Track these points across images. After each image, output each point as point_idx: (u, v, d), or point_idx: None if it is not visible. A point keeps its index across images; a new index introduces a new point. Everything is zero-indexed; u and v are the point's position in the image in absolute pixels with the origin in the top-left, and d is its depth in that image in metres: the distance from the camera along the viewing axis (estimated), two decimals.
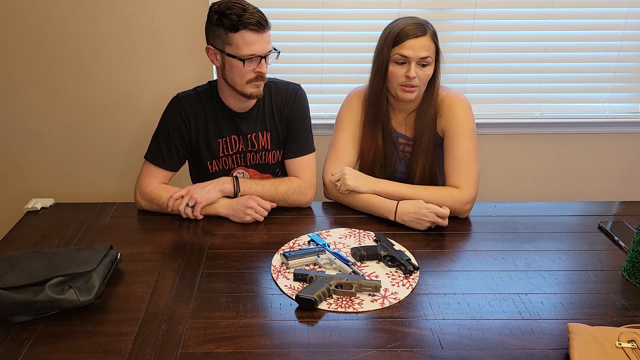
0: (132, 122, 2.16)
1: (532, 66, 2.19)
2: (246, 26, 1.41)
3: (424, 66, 1.54)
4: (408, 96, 1.57)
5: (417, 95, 1.59)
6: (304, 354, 1.05)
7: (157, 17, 2.00)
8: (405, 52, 1.52)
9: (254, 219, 1.52)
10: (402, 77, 1.54)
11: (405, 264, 1.30)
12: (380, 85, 1.60)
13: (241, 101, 1.57)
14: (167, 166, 1.60)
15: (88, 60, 2.05)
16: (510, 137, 2.29)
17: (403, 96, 1.57)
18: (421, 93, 1.60)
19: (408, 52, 1.52)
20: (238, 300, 1.20)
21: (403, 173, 1.72)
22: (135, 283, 1.26)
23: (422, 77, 1.54)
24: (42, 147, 2.19)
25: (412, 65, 1.52)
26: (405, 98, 1.58)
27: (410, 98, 1.57)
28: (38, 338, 1.09)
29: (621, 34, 2.15)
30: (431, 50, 1.53)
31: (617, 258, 1.38)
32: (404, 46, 1.52)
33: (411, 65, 1.52)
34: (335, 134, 1.69)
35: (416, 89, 1.56)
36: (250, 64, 1.46)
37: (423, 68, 1.54)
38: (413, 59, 1.52)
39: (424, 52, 1.51)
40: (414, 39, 1.51)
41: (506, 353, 1.06)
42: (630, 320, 1.15)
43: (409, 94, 1.56)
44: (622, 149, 2.33)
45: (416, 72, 1.53)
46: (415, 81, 1.54)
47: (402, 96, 1.57)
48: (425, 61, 1.53)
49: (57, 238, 1.45)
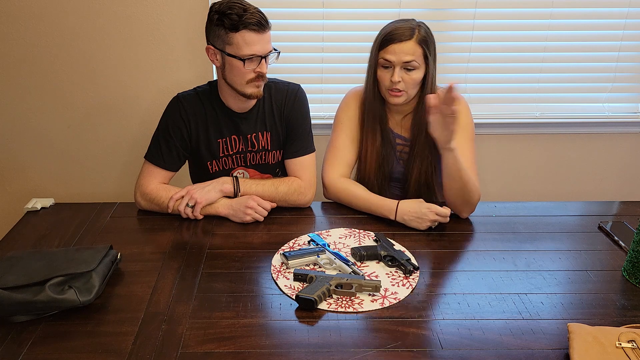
0: (132, 122, 2.16)
1: (532, 66, 2.19)
2: (247, 26, 1.41)
3: (410, 70, 1.53)
4: (395, 100, 1.57)
5: (406, 100, 1.58)
6: (304, 354, 1.05)
7: (157, 17, 2.00)
8: (388, 57, 1.52)
9: (254, 219, 1.52)
10: (387, 81, 1.55)
11: (405, 264, 1.30)
12: (374, 88, 1.61)
13: (241, 101, 1.57)
14: (167, 166, 1.60)
15: (88, 60, 2.05)
16: (510, 137, 2.29)
17: (390, 100, 1.58)
18: (410, 97, 1.58)
19: (391, 56, 1.52)
20: (238, 300, 1.20)
21: (400, 174, 1.72)
22: (135, 283, 1.26)
23: (408, 81, 1.54)
24: (42, 147, 2.19)
25: (396, 70, 1.52)
26: (393, 102, 1.58)
27: (397, 102, 1.57)
28: (38, 338, 1.09)
29: (621, 34, 2.15)
30: (416, 54, 1.51)
31: (617, 258, 1.38)
32: (387, 50, 1.52)
33: (395, 69, 1.52)
34: (334, 134, 1.69)
35: (402, 93, 1.55)
36: (251, 64, 1.46)
37: (409, 72, 1.53)
38: (397, 63, 1.52)
39: (407, 56, 1.50)
40: (397, 44, 1.50)
41: (506, 353, 1.06)
42: (630, 320, 1.15)
43: (396, 98, 1.56)
44: (622, 149, 2.33)
45: (401, 76, 1.53)
46: (400, 85, 1.53)
47: (390, 100, 1.58)
48: (410, 65, 1.52)
49: (57, 238, 1.45)
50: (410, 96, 1.58)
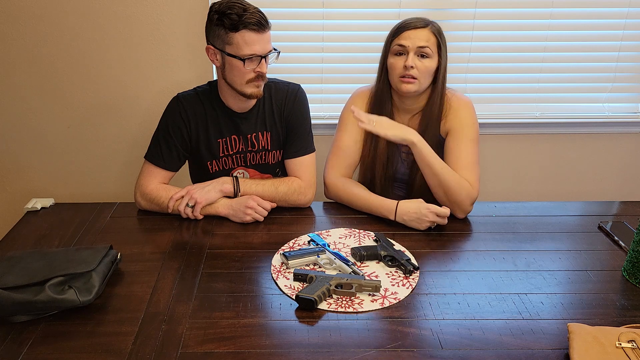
0: (132, 122, 2.16)
1: (532, 66, 2.19)
2: (247, 26, 1.41)
3: (424, 57, 1.53)
4: (408, 87, 1.54)
5: (417, 89, 1.55)
6: (304, 354, 1.05)
7: (158, 17, 2.00)
8: (402, 42, 1.53)
9: (254, 219, 1.52)
10: (400, 69, 1.54)
11: (405, 264, 1.30)
12: (385, 85, 1.60)
13: (241, 101, 1.57)
14: (167, 166, 1.60)
15: (88, 60, 2.05)
16: (510, 137, 2.29)
17: (403, 88, 1.55)
18: (422, 87, 1.56)
19: (405, 41, 1.52)
20: (238, 300, 1.20)
21: (404, 174, 1.72)
22: (135, 283, 1.26)
23: (422, 68, 1.53)
24: (42, 147, 2.19)
25: (411, 55, 1.52)
26: (405, 89, 1.54)
27: (409, 89, 1.54)
28: (38, 338, 1.08)
29: (621, 34, 2.15)
30: (430, 41, 1.52)
31: (617, 258, 1.38)
32: (402, 36, 1.53)
33: (409, 55, 1.52)
34: (338, 134, 1.69)
35: (416, 81, 1.54)
36: (251, 63, 1.46)
37: (422, 59, 1.53)
38: (411, 48, 1.52)
39: (422, 42, 1.51)
40: (413, 30, 1.52)
41: (506, 353, 1.06)
42: (630, 320, 1.15)
43: (409, 84, 1.54)
44: (622, 149, 2.33)
45: (415, 63, 1.52)
46: (414, 72, 1.52)
47: (402, 88, 1.55)
48: (424, 51, 1.52)
49: (57, 238, 1.45)
50: (423, 86, 1.56)
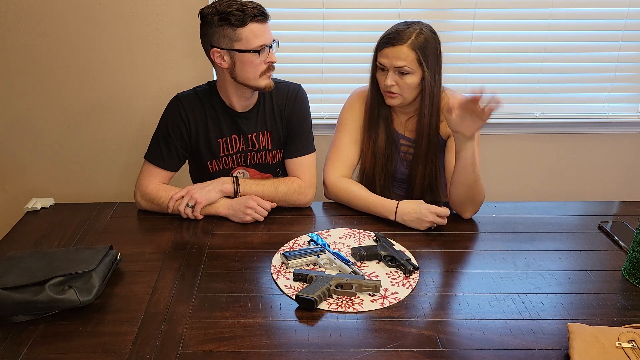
0: (132, 122, 2.16)
1: (532, 66, 2.19)
2: (253, 18, 1.43)
3: (404, 74, 1.52)
4: (390, 102, 1.58)
5: (402, 102, 1.58)
6: (304, 354, 1.05)
7: (157, 17, 2.00)
8: (381, 60, 1.54)
9: (254, 219, 1.52)
10: (383, 84, 1.56)
11: (405, 264, 1.30)
12: (378, 93, 1.61)
13: (246, 99, 1.58)
14: (167, 166, 1.60)
15: (88, 60, 2.05)
16: (510, 137, 2.29)
17: (387, 101, 1.59)
18: (407, 100, 1.58)
19: (384, 60, 1.53)
20: (238, 300, 1.20)
21: (404, 174, 1.72)
22: (135, 283, 1.26)
23: (402, 85, 1.53)
24: (42, 147, 2.19)
25: (390, 74, 1.53)
26: (389, 103, 1.59)
27: (392, 104, 1.59)
28: (38, 338, 1.08)
29: (621, 34, 2.15)
30: (409, 59, 1.50)
31: (617, 258, 1.38)
32: (382, 54, 1.53)
33: (389, 73, 1.53)
34: (337, 134, 1.69)
35: (397, 96, 1.56)
36: (263, 54, 1.47)
37: (403, 77, 1.52)
38: (389, 67, 1.52)
39: (399, 61, 1.50)
40: (390, 48, 1.51)
41: (506, 353, 1.06)
42: (630, 320, 1.15)
43: (391, 99, 1.57)
44: (622, 149, 2.33)
45: (396, 80, 1.53)
46: (394, 89, 1.54)
47: (386, 101, 1.60)
48: (402, 70, 1.51)
49: (57, 238, 1.45)
50: (407, 99, 1.58)
